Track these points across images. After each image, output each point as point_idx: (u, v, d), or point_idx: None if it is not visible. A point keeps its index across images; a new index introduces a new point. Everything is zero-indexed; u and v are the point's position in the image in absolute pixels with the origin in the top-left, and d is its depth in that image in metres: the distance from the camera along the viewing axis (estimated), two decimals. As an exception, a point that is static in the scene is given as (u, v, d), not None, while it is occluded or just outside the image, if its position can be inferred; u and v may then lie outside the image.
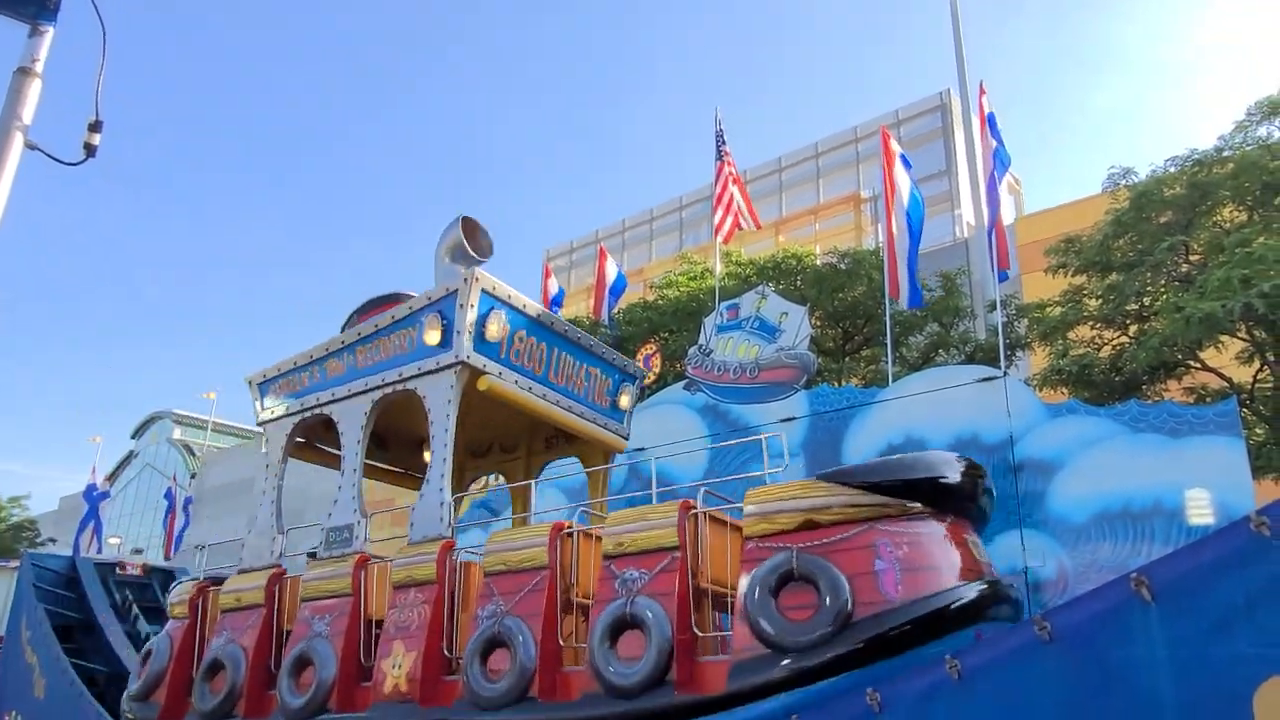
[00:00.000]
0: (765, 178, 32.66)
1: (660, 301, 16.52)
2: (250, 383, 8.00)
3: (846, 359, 14.26)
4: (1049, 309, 12.67)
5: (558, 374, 6.99)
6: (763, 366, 9.16)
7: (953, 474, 4.73)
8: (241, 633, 6.78)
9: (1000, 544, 6.82)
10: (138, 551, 43.68)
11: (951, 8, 14.48)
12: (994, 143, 9.16)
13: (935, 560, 4.36)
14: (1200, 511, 6.33)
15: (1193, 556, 2.56)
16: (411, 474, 8.60)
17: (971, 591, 4.24)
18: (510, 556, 5.53)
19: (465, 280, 6.13)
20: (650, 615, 4.70)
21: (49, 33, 4.29)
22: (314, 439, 8.17)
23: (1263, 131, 11.09)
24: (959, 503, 4.73)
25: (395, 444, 8.53)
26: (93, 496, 16.11)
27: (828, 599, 4.21)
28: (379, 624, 6.07)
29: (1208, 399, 10.43)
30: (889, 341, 10.15)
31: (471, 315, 6.11)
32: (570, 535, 5.45)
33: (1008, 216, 9.23)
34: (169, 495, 17.64)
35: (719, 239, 12.60)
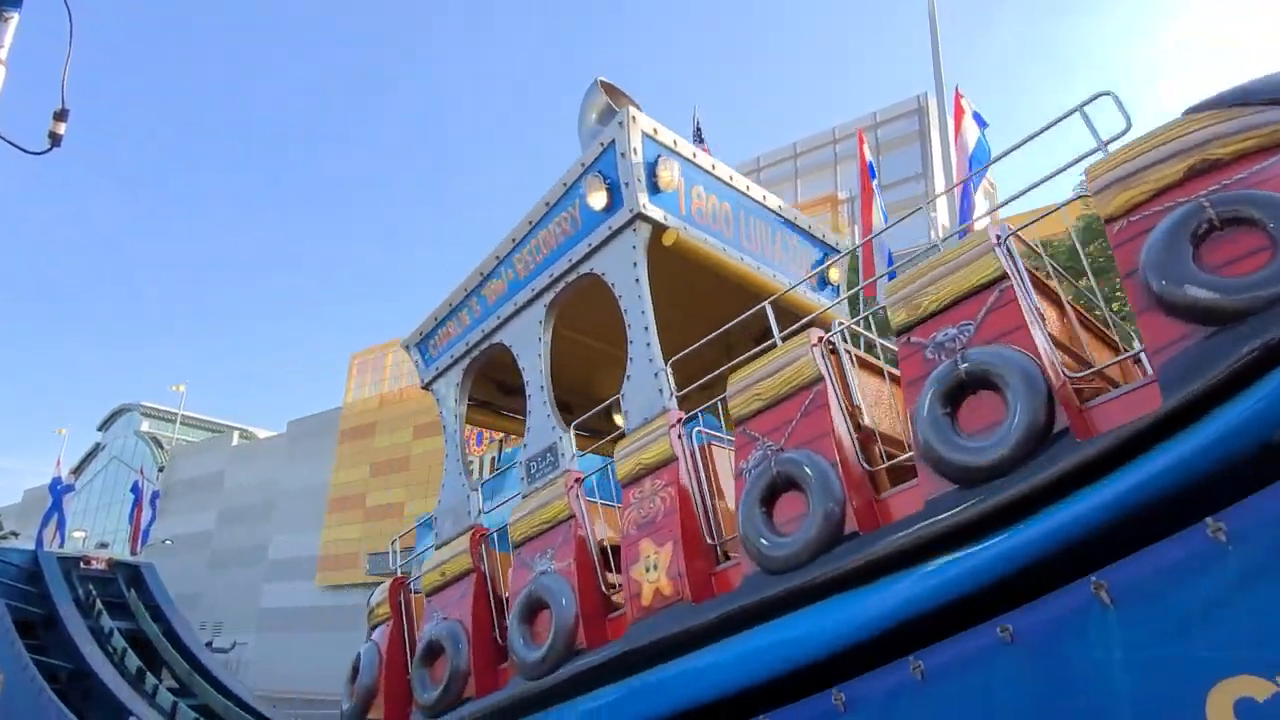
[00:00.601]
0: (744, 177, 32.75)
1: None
2: (407, 346, 7.28)
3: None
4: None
5: (751, 240, 5.95)
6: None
7: None
8: (453, 606, 5.94)
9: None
10: (103, 546, 43.05)
11: (929, 11, 14.64)
12: (973, 138, 9.21)
13: None
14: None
15: (1151, 560, 2.60)
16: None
17: None
18: (764, 386, 4.29)
19: (620, 124, 5.28)
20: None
21: (14, 19, 4.22)
22: (487, 395, 7.37)
23: None
24: None
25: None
26: (57, 490, 15.83)
27: None
28: (613, 550, 5.10)
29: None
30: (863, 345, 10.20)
31: (638, 161, 5.27)
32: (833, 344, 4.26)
33: (984, 220, 9.37)
34: (136, 489, 17.36)
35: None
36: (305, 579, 39.13)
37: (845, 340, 4.44)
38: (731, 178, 5.98)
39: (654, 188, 5.33)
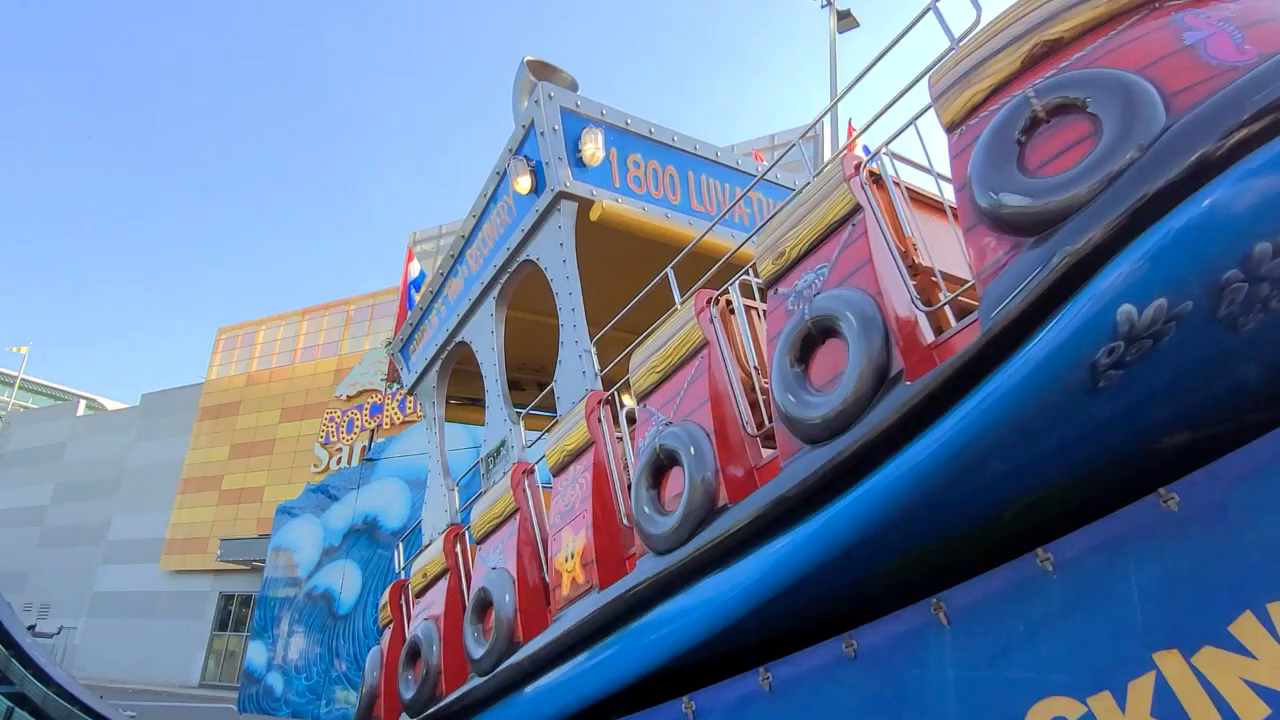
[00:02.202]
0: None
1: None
2: (391, 353, 7.23)
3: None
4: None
5: (704, 200, 5.71)
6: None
7: None
8: (430, 606, 5.90)
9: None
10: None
11: (830, 45, 15.19)
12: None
13: None
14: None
15: (986, 584, 2.76)
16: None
17: None
18: (658, 357, 4.12)
19: (537, 103, 5.12)
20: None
21: None
22: (475, 391, 7.08)
23: None
24: None
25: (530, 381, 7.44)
26: None
27: (1114, 110, 2.44)
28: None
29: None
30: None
31: (559, 138, 5.09)
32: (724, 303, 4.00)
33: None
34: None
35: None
36: (148, 562, 36.79)
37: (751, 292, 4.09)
38: (674, 139, 5.74)
39: (578, 163, 5.15)
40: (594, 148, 5.18)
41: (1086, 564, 2.53)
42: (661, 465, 3.86)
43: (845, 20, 15.27)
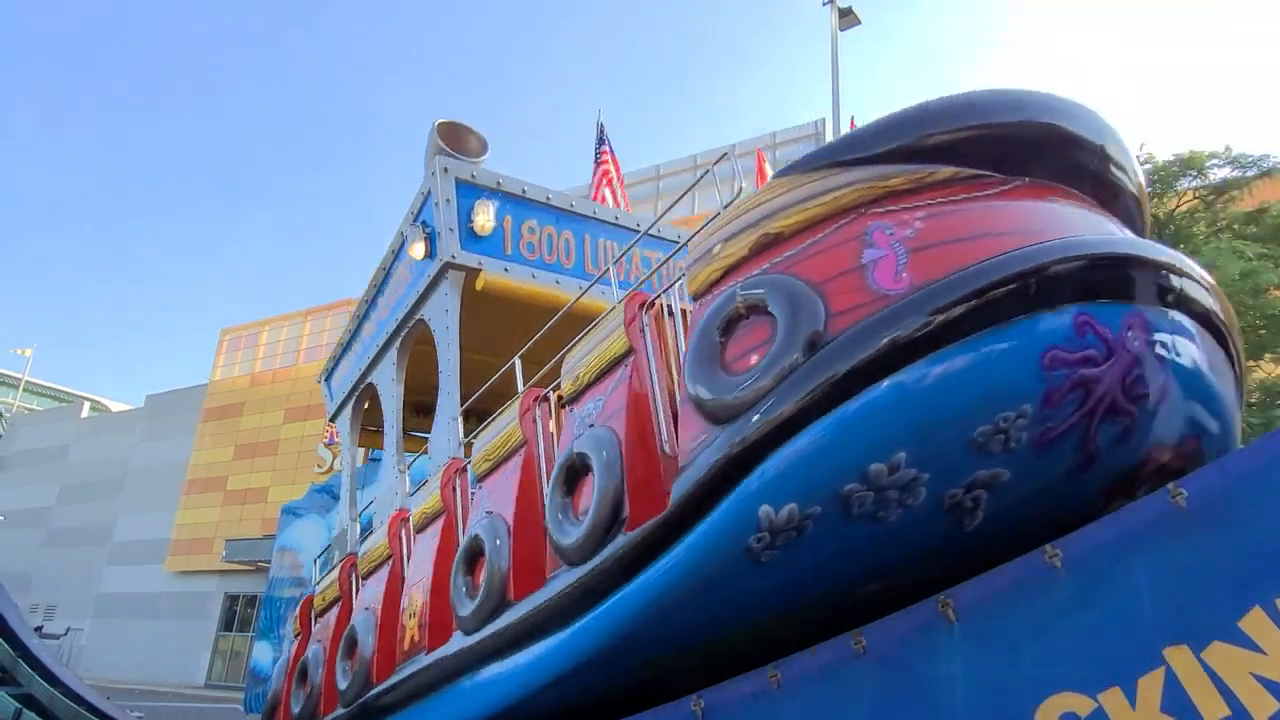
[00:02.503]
0: (643, 183, 33.01)
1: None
2: (319, 381, 7.50)
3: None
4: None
5: (599, 264, 5.96)
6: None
7: (1031, 113, 2.84)
8: (323, 631, 6.19)
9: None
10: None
11: (831, 42, 15.19)
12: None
13: (982, 227, 2.71)
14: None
15: (993, 580, 2.76)
16: None
17: (1064, 251, 2.56)
18: (493, 446, 4.41)
19: (434, 174, 5.43)
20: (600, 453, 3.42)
21: None
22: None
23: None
24: (1052, 161, 2.88)
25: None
26: None
27: (783, 323, 2.69)
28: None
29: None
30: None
31: (450, 211, 5.36)
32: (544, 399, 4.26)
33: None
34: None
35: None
36: (154, 563, 36.85)
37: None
38: (572, 204, 5.98)
39: (470, 233, 5.40)
40: (485, 219, 5.41)
41: (1095, 560, 2.54)
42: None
43: (847, 18, 15.24)
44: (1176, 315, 2.77)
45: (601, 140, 12.81)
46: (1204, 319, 2.86)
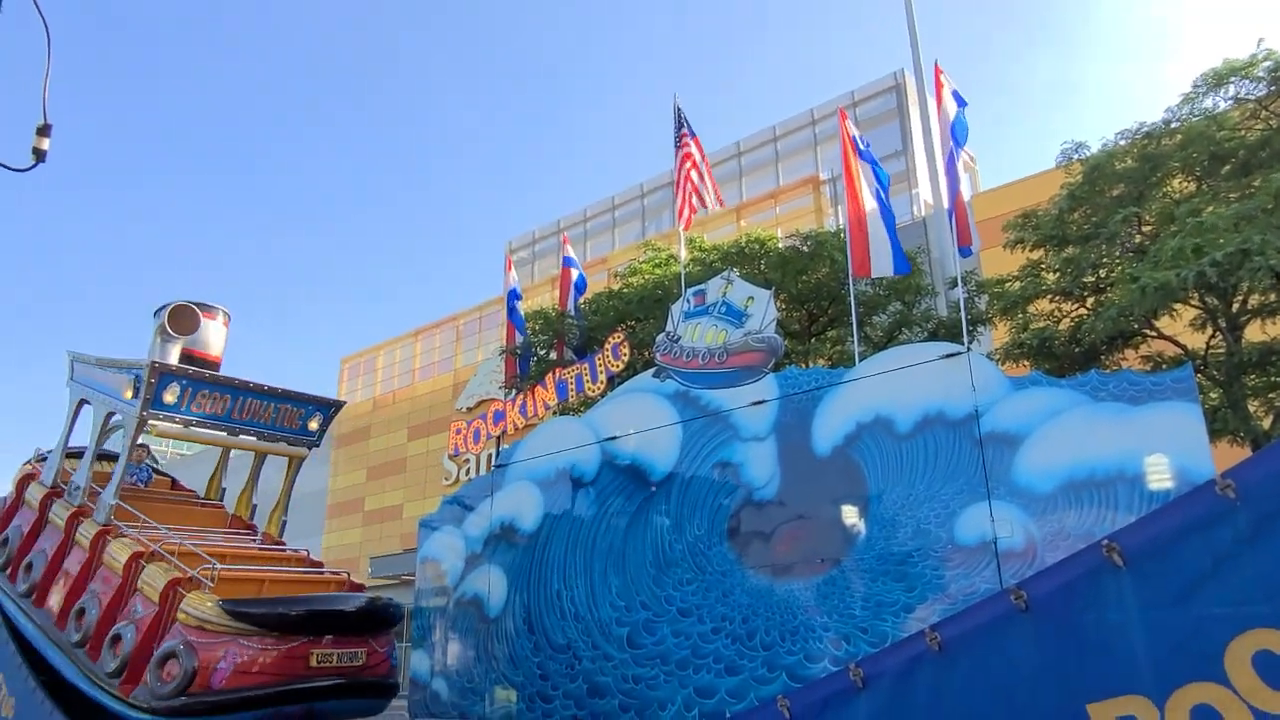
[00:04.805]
0: (725, 162, 32.72)
1: (625, 290, 16.49)
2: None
3: (812, 340, 14.36)
4: (1008, 284, 12.87)
5: (243, 413, 9.63)
6: (731, 351, 9.19)
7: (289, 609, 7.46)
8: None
9: (970, 515, 6.95)
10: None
11: (903, -12, 14.65)
12: (953, 112, 9.20)
13: (252, 665, 6.93)
14: (1160, 477, 6.47)
15: (1161, 521, 2.63)
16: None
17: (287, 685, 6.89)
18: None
19: (145, 368, 8.63)
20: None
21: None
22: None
23: (1209, 103, 11.35)
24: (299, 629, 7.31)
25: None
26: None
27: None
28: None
29: (1164, 366, 10.69)
30: (854, 321, 10.22)
31: (150, 388, 8.63)
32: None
33: (965, 194, 9.38)
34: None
35: (681, 225, 12.61)
36: (307, 586, 39.01)
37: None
38: (233, 382, 9.43)
39: (160, 401, 8.73)
40: (173, 395, 8.82)
41: (1273, 486, 2.38)
42: None
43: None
44: None
45: (680, 125, 12.73)
46: None
